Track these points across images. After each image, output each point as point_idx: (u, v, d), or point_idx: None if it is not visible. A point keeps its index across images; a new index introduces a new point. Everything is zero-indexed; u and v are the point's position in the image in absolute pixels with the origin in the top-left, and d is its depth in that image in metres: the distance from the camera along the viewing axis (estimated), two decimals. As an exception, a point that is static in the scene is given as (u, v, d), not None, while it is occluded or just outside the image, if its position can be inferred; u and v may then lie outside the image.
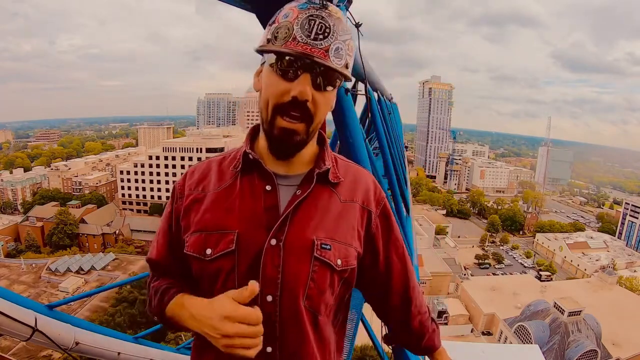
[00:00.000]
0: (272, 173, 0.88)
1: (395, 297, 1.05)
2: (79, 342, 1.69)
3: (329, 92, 0.83)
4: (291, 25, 0.78)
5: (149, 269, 1.02)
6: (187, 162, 66.12)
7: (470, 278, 47.41)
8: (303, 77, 0.79)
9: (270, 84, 0.82)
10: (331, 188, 0.92)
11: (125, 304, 31.99)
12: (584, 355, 30.62)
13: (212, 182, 0.92)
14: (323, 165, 0.91)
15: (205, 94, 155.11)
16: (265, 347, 0.83)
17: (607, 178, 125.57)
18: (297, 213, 0.86)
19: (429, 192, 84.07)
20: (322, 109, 0.83)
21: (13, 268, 44.31)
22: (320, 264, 0.86)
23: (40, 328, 1.49)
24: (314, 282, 0.86)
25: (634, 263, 56.75)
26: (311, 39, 0.77)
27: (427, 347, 1.17)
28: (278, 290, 0.84)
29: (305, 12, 0.78)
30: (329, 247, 0.86)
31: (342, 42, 0.80)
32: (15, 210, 69.10)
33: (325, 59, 0.78)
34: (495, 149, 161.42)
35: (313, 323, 0.88)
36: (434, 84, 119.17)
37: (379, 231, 0.97)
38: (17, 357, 23.76)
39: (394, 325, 1.14)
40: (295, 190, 0.88)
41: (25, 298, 1.59)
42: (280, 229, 0.84)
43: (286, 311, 0.85)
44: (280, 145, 0.86)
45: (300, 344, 0.87)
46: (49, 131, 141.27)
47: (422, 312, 1.11)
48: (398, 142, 5.00)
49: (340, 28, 0.80)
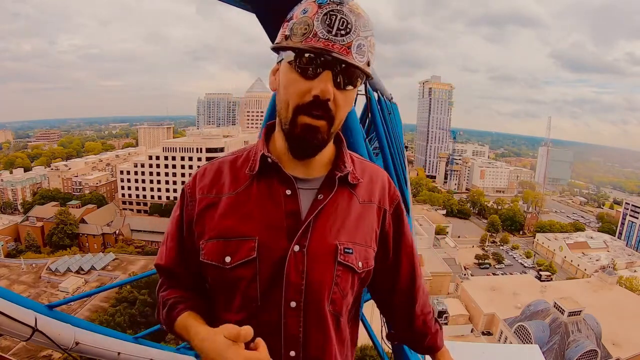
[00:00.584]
0: (292, 177, 0.85)
1: (400, 295, 1.06)
2: (79, 342, 1.69)
3: (350, 90, 0.79)
4: (311, 20, 0.73)
5: (159, 276, 0.98)
6: (187, 162, 66.19)
7: (470, 278, 47.38)
8: (324, 74, 0.75)
9: (289, 83, 0.78)
10: (350, 190, 0.90)
11: (125, 304, 31.99)
12: (584, 355, 30.61)
13: (226, 185, 0.88)
14: (344, 168, 0.88)
15: (205, 94, 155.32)
16: (288, 351, 0.84)
17: (607, 178, 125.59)
18: (319, 218, 0.85)
19: (429, 192, 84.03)
20: (343, 109, 0.80)
21: (13, 268, 44.30)
22: (343, 268, 0.85)
23: (40, 328, 1.49)
24: (337, 286, 0.86)
25: (634, 263, 56.74)
26: (332, 34, 0.73)
27: (430, 347, 1.18)
28: (302, 296, 0.83)
29: (325, 7, 0.73)
30: (351, 251, 0.86)
31: (364, 38, 0.76)
32: (15, 210, 69.11)
33: (347, 55, 0.74)
34: (495, 149, 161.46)
35: (335, 325, 0.89)
36: (434, 84, 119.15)
37: (391, 229, 0.97)
38: (17, 357, 23.76)
39: (398, 324, 1.15)
40: (315, 195, 0.86)
41: (25, 298, 1.59)
42: (303, 235, 0.83)
43: (310, 316, 0.84)
44: (302, 144, 0.82)
45: (323, 347, 0.88)
46: (49, 131, 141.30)
47: (426, 312, 1.12)
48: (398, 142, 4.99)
49: (362, 23, 0.75)
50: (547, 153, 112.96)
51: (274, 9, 1.88)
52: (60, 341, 1.60)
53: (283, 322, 0.83)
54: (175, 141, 74.24)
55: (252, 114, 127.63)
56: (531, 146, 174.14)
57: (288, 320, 0.83)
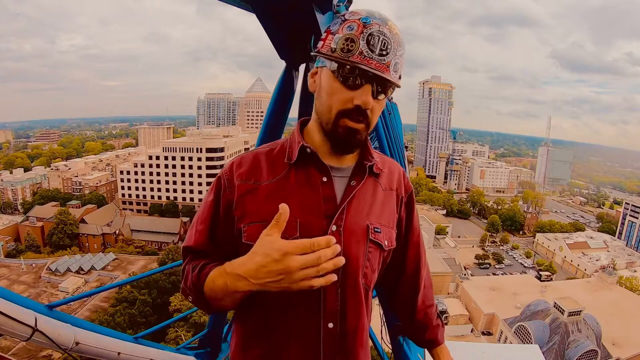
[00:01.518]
0: (328, 166, 0.97)
1: (404, 280, 1.14)
2: (79, 342, 1.69)
3: (383, 99, 0.92)
4: (357, 38, 0.85)
5: (183, 256, 1.02)
6: (187, 162, 66.19)
7: (470, 278, 47.35)
8: (365, 87, 0.87)
9: (332, 90, 0.89)
10: (375, 178, 1.03)
11: (125, 304, 31.98)
12: (584, 355, 30.60)
13: (264, 173, 0.97)
14: (371, 159, 1.01)
15: (205, 94, 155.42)
16: (327, 323, 0.92)
17: (607, 178, 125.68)
18: (352, 202, 0.97)
19: (429, 192, 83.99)
20: (377, 114, 0.93)
21: (13, 268, 44.31)
22: (374, 246, 0.98)
23: (40, 328, 1.49)
24: (369, 261, 0.97)
25: (634, 263, 56.71)
26: (376, 54, 0.85)
27: (429, 340, 1.23)
28: (340, 270, 0.89)
29: (369, 27, 0.85)
30: (380, 231, 0.99)
31: (399, 57, 0.88)
32: (15, 210, 69.13)
33: (386, 73, 0.86)
34: (495, 149, 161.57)
35: (365, 297, 0.99)
36: (434, 84, 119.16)
37: (404, 215, 1.10)
38: (17, 357, 23.77)
39: (401, 313, 1.21)
40: (348, 182, 0.99)
41: (25, 298, 1.59)
42: (339, 217, 0.94)
43: (347, 290, 0.94)
44: (345, 143, 0.94)
45: (357, 318, 0.97)
46: (49, 131, 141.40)
47: (428, 305, 1.20)
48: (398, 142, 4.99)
49: (398, 44, 0.87)
50: (547, 153, 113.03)
51: (274, 9, 1.89)
52: (60, 341, 1.59)
53: (322, 296, 0.92)
54: (175, 141, 74.22)
55: (252, 114, 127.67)
56: (531, 146, 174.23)
57: (327, 294, 0.92)
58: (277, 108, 2.36)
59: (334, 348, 0.94)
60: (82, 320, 1.87)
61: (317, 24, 1.86)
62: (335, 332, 0.93)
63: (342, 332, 0.94)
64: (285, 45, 2.12)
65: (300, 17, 1.81)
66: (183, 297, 0.99)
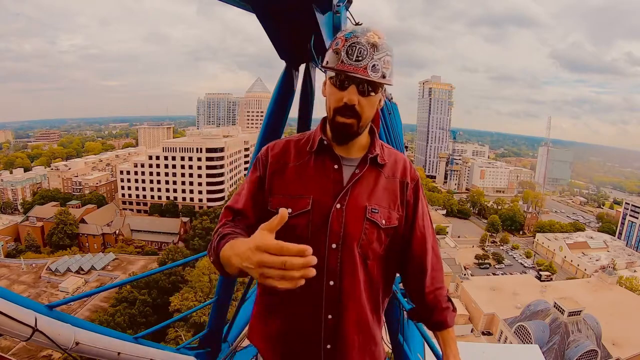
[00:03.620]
0: (339, 156, 1.20)
1: (412, 262, 1.27)
2: (79, 342, 1.68)
3: (373, 96, 1.11)
4: (339, 51, 1.07)
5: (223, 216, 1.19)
6: (187, 162, 66.13)
7: (470, 278, 47.36)
8: (351, 88, 1.09)
9: (331, 93, 1.13)
10: (378, 168, 1.23)
11: (125, 304, 31.98)
12: (584, 355, 30.58)
13: (292, 156, 1.22)
14: (374, 152, 1.22)
15: (205, 94, 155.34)
16: (329, 281, 1.14)
17: (607, 178, 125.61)
18: (355, 186, 1.18)
19: (429, 192, 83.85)
20: (367, 109, 1.12)
21: (13, 268, 44.31)
22: (370, 223, 1.17)
23: (40, 328, 1.49)
24: (365, 235, 1.16)
25: (634, 263, 56.69)
26: (353, 60, 1.06)
27: (438, 322, 1.29)
28: (340, 240, 1.14)
29: (349, 41, 1.07)
30: (377, 211, 1.18)
31: (377, 59, 1.06)
32: (15, 210, 69.11)
33: (364, 74, 1.06)
34: (495, 149, 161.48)
35: (363, 265, 1.18)
36: (434, 84, 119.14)
37: (411, 200, 1.26)
38: (17, 357, 23.77)
39: (412, 295, 1.33)
40: (353, 170, 1.20)
41: (25, 298, 1.59)
42: (343, 197, 1.15)
43: (345, 256, 1.15)
44: (340, 134, 1.16)
45: (353, 279, 1.16)
46: (49, 131, 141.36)
47: (437, 287, 1.29)
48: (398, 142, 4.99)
49: (375, 49, 1.06)
50: (547, 153, 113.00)
51: (274, 9, 1.88)
52: (60, 341, 1.59)
53: (326, 259, 1.13)
54: (175, 141, 74.18)
55: (252, 113, 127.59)
56: (531, 146, 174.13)
57: (330, 258, 1.14)
58: (277, 108, 2.36)
59: (332, 301, 1.15)
60: (82, 320, 1.87)
61: (317, 24, 1.86)
62: (336, 288, 1.15)
63: (340, 288, 1.15)
64: (285, 45, 2.11)
65: (300, 17, 1.81)
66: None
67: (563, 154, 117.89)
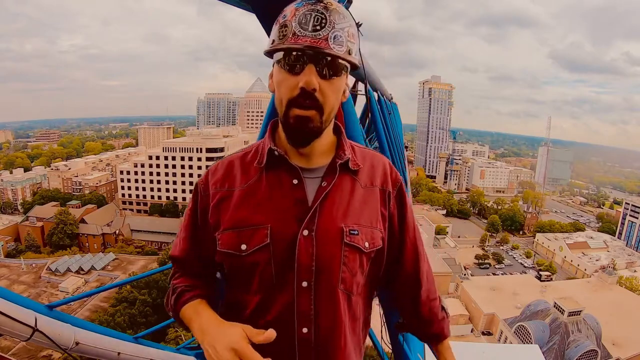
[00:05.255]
0: (297, 167, 0.92)
1: (405, 277, 1.09)
2: (79, 342, 1.69)
3: (336, 79, 0.85)
4: (289, 22, 0.82)
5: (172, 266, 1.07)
6: (187, 162, 66.19)
7: (470, 278, 47.35)
8: (308, 68, 0.82)
9: (281, 81, 0.86)
10: (352, 175, 0.96)
11: (125, 304, 31.97)
12: (584, 355, 30.58)
13: (237, 178, 0.95)
14: (344, 155, 0.95)
15: (205, 94, 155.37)
16: (301, 328, 0.90)
17: (607, 178, 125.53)
18: (325, 203, 0.91)
19: (429, 192, 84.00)
20: (331, 97, 0.86)
21: (13, 268, 44.31)
22: (350, 249, 0.92)
23: (40, 328, 1.49)
24: (346, 266, 0.92)
25: (634, 263, 56.69)
26: (309, 31, 0.80)
27: (435, 334, 1.18)
28: (313, 276, 0.89)
29: (302, 9, 0.82)
30: (357, 232, 0.92)
31: (340, 29, 0.82)
32: (15, 210, 69.11)
33: (325, 47, 0.80)
34: (495, 149, 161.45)
35: (347, 303, 0.95)
36: (434, 84, 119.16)
37: (395, 211, 1.03)
38: (17, 357, 23.76)
39: (405, 310, 1.17)
40: (320, 182, 0.93)
41: (25, 298, 1.59)
42: (311, 220, 0.89)
43: (322, 294, 0.90)
44: (297, 133, 0.89)
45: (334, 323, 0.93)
46: (49, 131, 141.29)
47: (432, 299, 1.14)
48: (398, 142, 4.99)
49: (337, 17, 0.82)
50: (547, 153, 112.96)
51: (274, 9, 1.89)
52: (60, 341, 1.59)
53: (296, 301, 0.89)
54: (175, 141, 74.21)
55: (252, 114, 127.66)
56: (531, 146, 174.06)
57: (300, 299, 0.89)
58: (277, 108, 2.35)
59: (308, 353, 0.92)
60: (82, 320, 1.88)
61: (317, 24, 1.86)
62: (310, 337, 0.91)
63: (316, 337, 0.91)
64: (285, 45, 2.11)
65: (300, 17, 1.81)
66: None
67: (563, 154, 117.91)
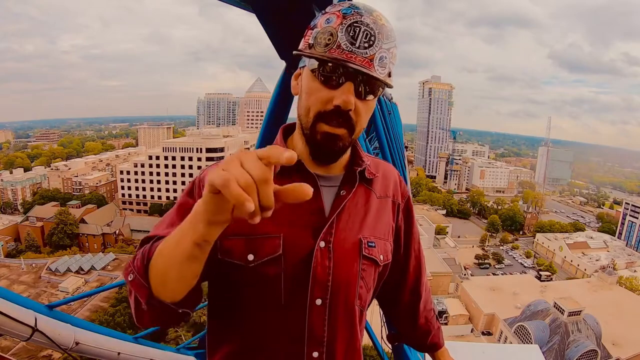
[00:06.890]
0: (314, 175, 0.84)
1: (406, 290, 1.07)
2: (79, 342, 1.69)
3: (371, 100, 0.79)
4: (335, 31, 0.73)
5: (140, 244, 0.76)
6: (187, 162, 66.20)
7: (470, 278, 47.35)
8: (346, 85, 0.74)
9: (312, 90, 0.78)
10: (367, 185, 0.91)
11: (125, 304, 31.95)
12: (584, 355, 30.60)
13: None
14: (362, 163, 0.89)
15: (205, 94, 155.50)
16: (311, 352, 0.82)
17: (607, 178, 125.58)
18: (342, 214, 0.85)
19: (429, 192, 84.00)
20: (364, 117, 0.80)
21: (13, 268, 44.29)
22: (368, 262, 0.86)
23: (40, 328, 1.49)
24: (363, 280, 0.86)
25: (634, 263, 56.70)
26: (355, 47, 0.73)
27: (432, 344, 1.19)
28: (328, 294, 0.81)
29: (349, 18, 0.73)
30: (374, 245, 0.87)
31: (386, 50, 0.76)
32: (15, 210, 69.06)
33: (369, 68, 0.74)
34: (495, 149, 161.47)
35: (360, 319, 0.89)
36: (433, 84, 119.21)
37: (402, 224, 1.00)
38: (17, 357, 23.76)
39: (402, 321, 1.16)
40: (337, 191, 0.86)
41: (25, 298, 1.59)
42: (328, 231, 0.82)
43: (337, 313, 0.83)
44: (323, 151, 0.82)
45: (350, 344, 0.87)
46: (49, 131, 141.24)
47: (428, 309, 1.14)
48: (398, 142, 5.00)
49: (385, 35, 0.75)
50: (547, 153, 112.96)
51: (274, 9, 1.89)
52: (60, 341, 1.60)
53: (307, 321, 0.81)
54: (175, 141, 74.22)
55: (252, 114, 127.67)
56: (531, 146, 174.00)
57: (313, 319, 0.81)
58: (277, 108, 2.36)
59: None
60: (82, 320, 1.88)
61: (317, 24, 1.86)
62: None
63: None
64: (285, 46, 2.12)
65: (301, 17, 1.81)
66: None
67: (563, 154, 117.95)
